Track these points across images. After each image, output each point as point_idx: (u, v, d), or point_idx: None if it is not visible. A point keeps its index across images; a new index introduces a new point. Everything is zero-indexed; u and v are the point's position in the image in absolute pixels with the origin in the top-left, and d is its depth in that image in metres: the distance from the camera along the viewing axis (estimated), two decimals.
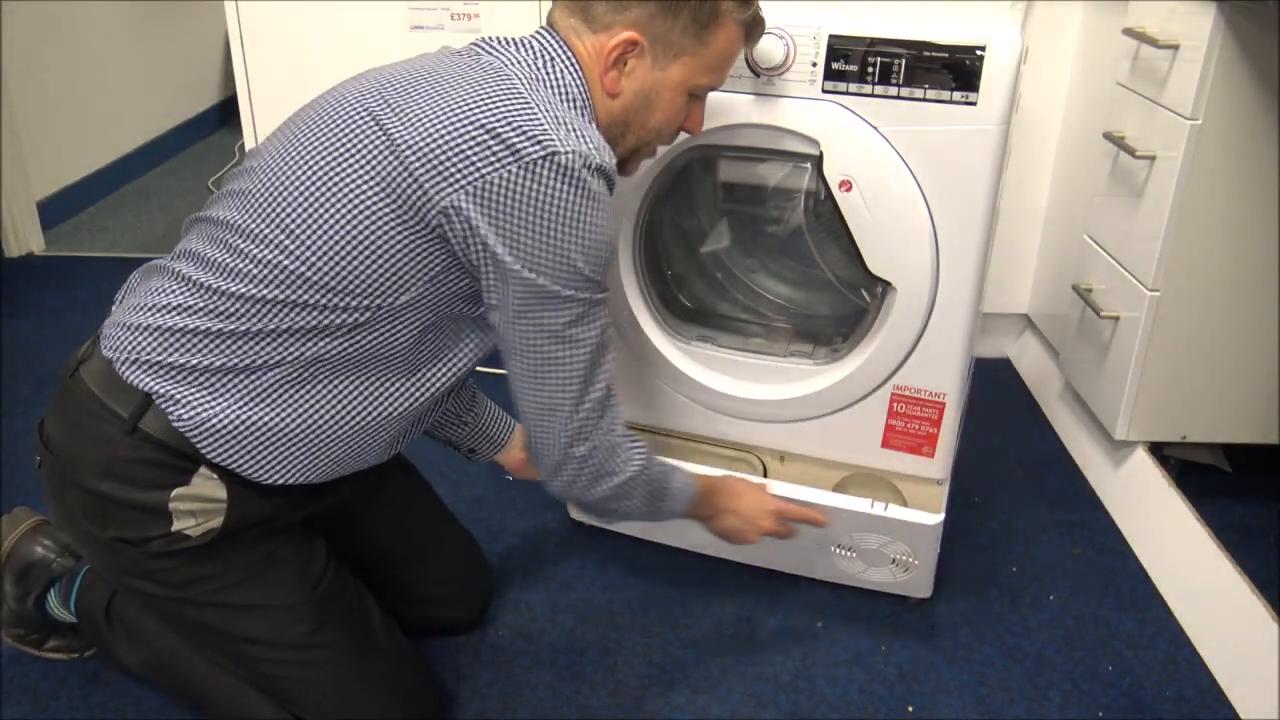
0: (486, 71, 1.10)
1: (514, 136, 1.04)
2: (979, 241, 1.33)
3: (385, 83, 1.11)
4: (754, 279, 1.64)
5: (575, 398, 1.15)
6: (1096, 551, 1.72)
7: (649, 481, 1.25)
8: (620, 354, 1.55)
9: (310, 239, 1.07)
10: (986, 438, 2.01)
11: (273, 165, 1.11)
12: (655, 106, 1.19)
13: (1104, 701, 1.43)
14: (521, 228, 1.06)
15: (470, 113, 1.05)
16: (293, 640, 1.22)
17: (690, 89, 1.19)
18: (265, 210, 1.09)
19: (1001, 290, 2.20)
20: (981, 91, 1.26)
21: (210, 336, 1.09)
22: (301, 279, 1.07)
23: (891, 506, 1.45)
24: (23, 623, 1.43)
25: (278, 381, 1.11)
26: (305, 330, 1.09)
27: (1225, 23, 1.47)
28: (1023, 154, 2.06)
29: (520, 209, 1.05)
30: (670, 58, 1.16)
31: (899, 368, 1.42)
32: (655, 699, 1.42)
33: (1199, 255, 1.61)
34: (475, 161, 1.04)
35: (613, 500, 1.23)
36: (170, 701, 1.39)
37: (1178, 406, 1.72)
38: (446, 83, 1.08)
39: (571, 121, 1.08)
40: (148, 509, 1.11)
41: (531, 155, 1.04)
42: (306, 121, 1.13)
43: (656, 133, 1.23)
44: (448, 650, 1.49)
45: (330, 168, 1.07)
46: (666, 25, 1.13)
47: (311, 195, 1.07)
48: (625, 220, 1.46)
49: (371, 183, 1.06)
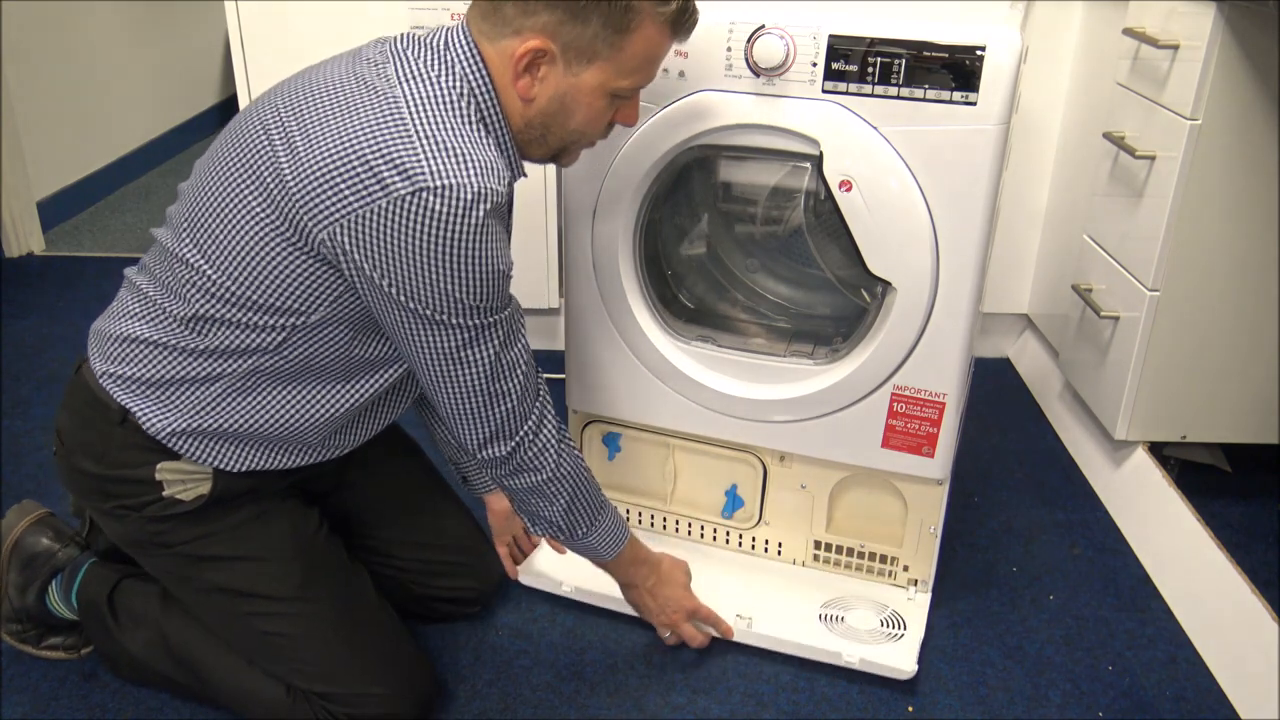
0: (378, 92, 1.09)
1: (386, 170, 1.05)
2: (979, 241, 1.33)
3: (291, 99, 1.13)
4: (754, 279, 1.64)
5: (481, 406, 1.20)
6: (1096, 551, 1.72)
7: (576, 494, 1.30)
8: (620, 354, 1.55)
9: (225, 262, 1.13)
10: (986, 438, 2.01)
11: (195, 187, 1.18)
12: (573, 111, 1.17)
13: (1104, 701, 1.43)
14: (394, 261, 1.08)
15: (349, 143, 1.06)
16: (285, 592, 1.28)
17: (610, 91, 1.16)
18: (189, 234, 1.16)
19: (1001, 290, 2.20)
20: (981, 91, 1.26)
21: (160, 349, 1.19)
22: (224, 298, 1.14)
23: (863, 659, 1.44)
24: (21, 617, 1.43)
25: (222, 393, 1.20)
26: (237, 349, 1.17)
27: (1225, 23, 1.47)
28: (1023, 154, 2.06)
29: (391, 244, 1.07)
30: (584, 63, 1.13)
31: (899, 368, 1.42)
32: (655, 699, 1.42)
33: (1199, 255, 1.61)
34: (348, 195, 1.06)
35: (534, 495, 1.28)
36: (170, 701, 1.40)
37: (1178, 406, 1.72)
38: (337, 105, 1.09)
39: (458, 144, 1.07)
40: (141, 481, 1.22)
41: (400, 191, 1.04)
42: (225, 140, 1.17)
43: (580, 134, 1.20)
44: (448, 650, 1.49)
45: (235, 194, 1.13)
46: (576, 31, 1.10)
47: (222, 220, 1.13)
48: (625, 220, 1.46)
49: (269, 210, 1.10)
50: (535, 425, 1.25)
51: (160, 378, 1.19)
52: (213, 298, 1.15)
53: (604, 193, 1.45)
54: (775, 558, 1.66)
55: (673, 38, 1.17)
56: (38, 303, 2.53)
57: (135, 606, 1.37)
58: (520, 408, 1.22)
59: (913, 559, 1.58)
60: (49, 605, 1.43)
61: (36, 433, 1.97)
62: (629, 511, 1.72)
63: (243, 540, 1.27)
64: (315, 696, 1.28)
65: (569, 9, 1.08)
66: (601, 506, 1.34)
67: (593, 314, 1.54)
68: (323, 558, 1.33)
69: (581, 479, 1.31)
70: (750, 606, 1.54)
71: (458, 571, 1.50)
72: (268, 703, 1.30)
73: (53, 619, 1.44)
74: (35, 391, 2.13)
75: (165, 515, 1.24)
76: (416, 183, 1.04)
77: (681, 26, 1.17)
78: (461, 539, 1.52)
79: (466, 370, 1.17)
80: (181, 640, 1.34)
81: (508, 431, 1.22)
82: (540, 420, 1.25)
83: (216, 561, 1.27)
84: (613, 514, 1.37)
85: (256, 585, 1.27)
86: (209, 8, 3.58)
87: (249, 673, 1.31)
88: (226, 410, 1.20)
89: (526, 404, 1.23)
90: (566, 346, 1.61)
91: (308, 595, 1.29)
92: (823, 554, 1.63)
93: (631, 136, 1.40)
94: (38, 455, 1.91)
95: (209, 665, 1.33)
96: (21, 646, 1.45)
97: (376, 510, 1.47)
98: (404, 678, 1.33)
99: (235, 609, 1.28)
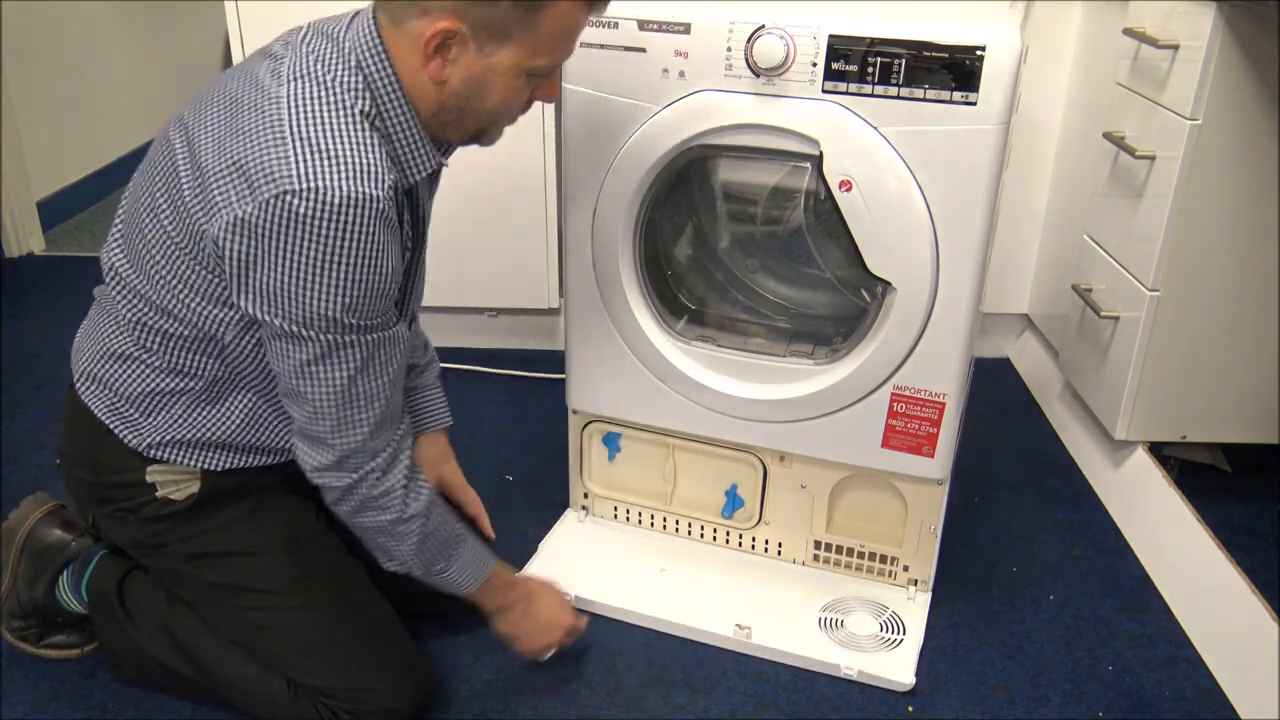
0: (265, 93, 1.08)
1: (256, 174, 1.04)
2: (979, 241, 1.33)
3: (201, 104, 1.13)
4: (754, 279, 1.64)
5: (329, 430, 1.15)
6: (1096, 551, 1.72)
7: (426, 534, 1.24)
8: (620, 354, 1.55)
9: (154, 277, 1.16)
10: (986, 438, 2.01)
11: (129, 209, 1.21)
12: (487, 92, 1.11)
13: (1104, 701, 1.43)
14: (256, 266, 1.06)
15: (229, 149, 1.06)
16: (279, 586, 1.29)
17: (527, 70, 1.10)
18: (126, 246, 1.20)
19: (1001, 290, 2.20)
20: (981, 91, 1.26)
21: (128, 362, 1.22)
22: (164, 310, 1.17)
23: (861, 671, 1.44)
24: (26, 612, 1.43)
25: (189, 405, 1.23)
26: (190, 363, 1.20)
27: (1225, 23, 1.47)
28: (1023, 154, 2.06)
29: (254, 248, 1.05)
30: (497, 42, 1.07)
31: (899, 368, 1.42)
32: (655, 699, 1.42)
33: (1199, 255, 1.61)
34: (219, 201, 1.06)
35: (379, 535, 1.23)
36: (169, 701, 1.40)
37: (1177, 406, 1.72)
38: (229, 110, 1.09)
39: (334, 146, 1.04)
40: (134, 484, 1.25)
41: (264, 194, 1.03)
42: (154, 149, 1.18)
43: (498, 114, 1.15)
44: (448, 650, 1.49)
45: (152, 206, 1.15)
46: (486, 10, 1.04)
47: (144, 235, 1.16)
48: (625, 220, 1.46)
49: (175, 222, 1.12)
50: (384, 465, 1.18)
51: (132, 393, 1.22)
52: (156, 311, 1.18)
53: (604, 193, 1.45)
54: (775, 558, 1.66)
55: (589, 10, 1.11)
56: (38, 303, 2.53)
57: (143, 598, 1.38)
58: (371, 443, 1.16)
59: (913, 559, 1.58)
60: (58, 597, 1.43)
61: (36, 433, 1.97)
62: (629, 511, 1.72)
63: (236, 536, 1.29)
64: (314, 691, 1.29)
65: None
66: (458, 541, 1.29)
67: (593, 314, 1.54)
68: (318, 552, 1.34)
69: (432, 517, 1.24)
70: (749, 609, 1.55)
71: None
72: (270, 697, 1.31)
73: (59, 613, 1.44)
74: (35, 392, 2.12)
75: (161, 515, 1.26)
76: (281, 185, 1.02)
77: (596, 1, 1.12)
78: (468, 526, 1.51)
79: (314, 387, 1.12)
80: (187, 633, 1.35)
81: (350, 465, 1.17)
82: (391, 461, 1.19)
83: (211, 558, 1.28)
84: (472, 546, 1.31)
85: (251, 580, 1.29)
86: (209, 8, 3.57)
87: (252, 667, 1.32)
88: (195, 421, 1.23)
89: (379, 441, 1.17)
90: (566, 346, 1.61)
91: (302, 589, 1.30)
92: (823, 554, 1.63)
93: (632, 136, 1.40)
94: (38, 455, 1.91)
95: (213, 659, 1.33)
96: (20, 645, 1.45)
97: None
98: (401, 672, 1.33)
99: (232, 604, 1.30)
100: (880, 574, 1.61)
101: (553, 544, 1.69)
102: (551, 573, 1.62)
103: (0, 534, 1.45)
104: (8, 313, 2.46)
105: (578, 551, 1.68)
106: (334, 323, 1.08)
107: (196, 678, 1.35)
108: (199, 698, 1.39)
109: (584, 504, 1.75)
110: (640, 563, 1.65)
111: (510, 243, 2.13)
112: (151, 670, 1.38)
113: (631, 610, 1.55)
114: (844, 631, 1.52)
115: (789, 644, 1.48)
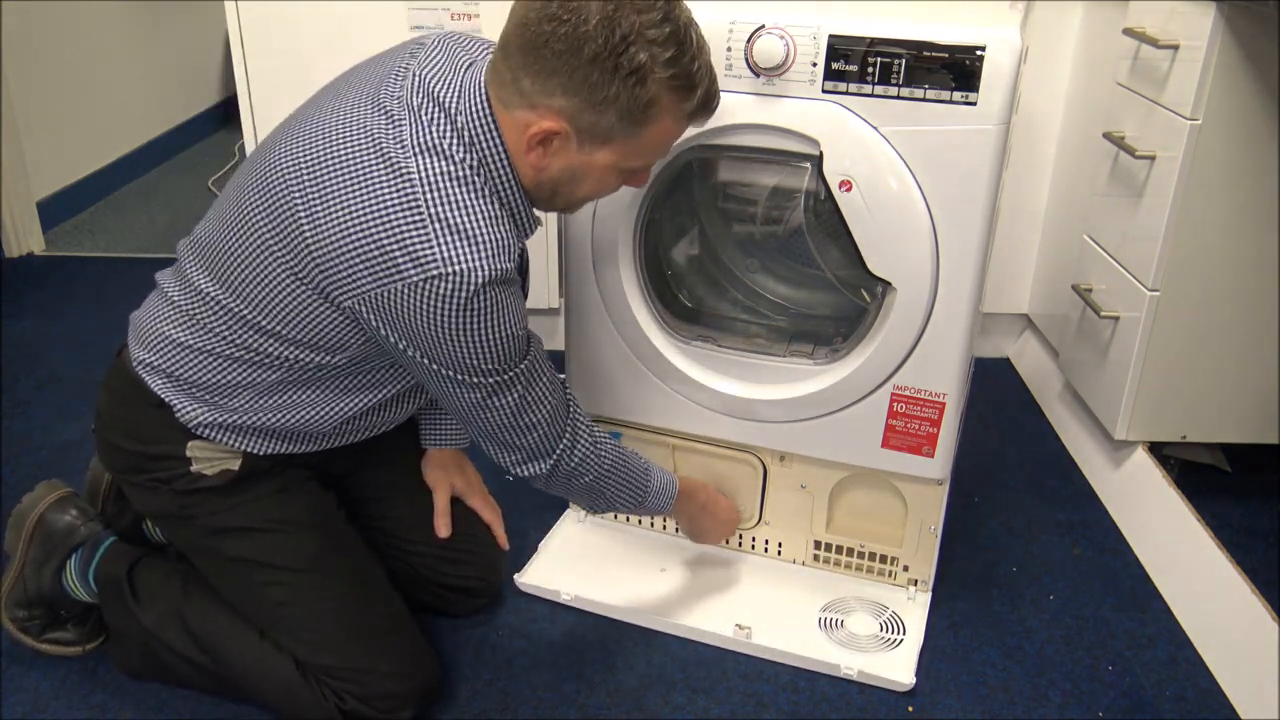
0: (393, 166, 1.11)
1: (400, 256, 1.09)
2: (979, 241, 1.33)
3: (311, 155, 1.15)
4: (754, 279, 1.64)
5: (512, 438, 1.26)
6: (1096, 551, 1.72)
7: (623, 480, 1.37)
8: (620, 354, 1.55)
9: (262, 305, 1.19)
10: (986, 438, 2.01)
11: (222, 232, 1.22)
12: (582, 182, 1.18)
13: (1104, 701, 1.43)
14: (413, 334, 1.14)
15: (366, 225, 1.10)
16: (299, 563, 1.32)
17: (621, 169, 1.17)
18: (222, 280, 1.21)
19: (1001, 290, 2.20)
20: (981, 91, 1.26)
21: (194, 353, 1.24)
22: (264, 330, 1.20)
23: (861, 671, 1.44)
24: (31, 601, 1.44)
25: (252, 397, 1.26)
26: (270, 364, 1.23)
27: (1225, 23, 1.47)
28: (1023, 154, 2.06)
29: (408, 320, 1.12)
30: (598, 145, 1.13)
31: (899, 368, 1.42)
32: (655, 699, 1.42)
33: (1199, 255, 1.61)
34: (365, 276, 1.11)
35: (587, 494, 1.36)
36: (169, 701, 1.40)
37: (1177, 406, 1.72)
38: (354, 177, 1.12)
39: (470, 224, 1.10)
40: (171, 457, 1.28)
41: (414, 278, 1.09)
42: (251, 187, 1.20)
43: (588, 199, 1.24)
44: (448, 651, 1.49)
45: (263, 250, 1.17)
46: (593, 119, 1.10)
47: (254, 273, 1.18)
48: (625, 220, 1.46)
49: (297, 269, 1.15)
50: (570, 442, 1.29)
51: (193, 380, 1.25)
52: (253, 330, 1.21)
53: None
54: (775, 558, 1.66)
55: (690, 122, 1.17)
56: (38, 303, 2.53)
57: (155, 582, 1.40)
58: (551, 431, 1.27)
59: (913, 559, 1.58)
60: (64, 583, 1.44)
61: (36, 433, 1.97)
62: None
63: (263, 513, 1.32)
64: (323, 673, 1.30)
65: (588, 100, 1.08)
66: (646, 473, 1.40)
67: (593, 314, 1.54)
68: (338, 535, 1.38)
69: (622, 465, 1.36)
70: (749, 609, 1.55)
71: (465, 559, 1.51)
72: (280, 680, 1.32)
73: (65, 603, 1.45)
74: (35, 391, 2.12)
75: (192, 489, 1.29)
76: (428, 270, 1.09)
77: (703, 115, 1.17)
78: (470, 527, 1.52)
79: (493, 415, 1.22)
80: (199, 617, 1.36)
81: (543, 452, 1.28)
82: (574, 437, 1.30)
83: (237, 533, 1.31)
84: (659, 473, 1.42)
85: (273, 556, 1.31)
86: (209, 8, 3.57)
87: (263, 651, 1.33)
88: (255, 410, 1.26)
89: (557, 427, 1.28)
90: (566, 346, 1.61)
91: (321, 568, 1.33)
92: (823, 554, 1.63)
93: None
94: (37, 455, 1.91)
95: (225, 643, 1.35)
96: (22, 637, 1.45)
97: (391, 492, 1.50)
98: (408, 660, 1.34)
99: (251, 579, 1.32)
100: (880, 574, 1.61)
101: (553, 544, 1.69)
102: (552, 573, 1.62)
103: (12, 517, 1.47)
104: (8, 313, 2.46)
105: (578, 551, 1.68)
106: (494, 371, 1.17)
107: (205, 662, 1.36)
108: (204, 685, 1.39)
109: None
110: (640, 563, 1.66)
111: None
112: (158, 657, 1.39)
113: (631, 610, 1.55)
114: (844, 631, 1.52)
115: (789, 644, 1.48)
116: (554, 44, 1.06)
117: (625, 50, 1.05)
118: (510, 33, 1.10)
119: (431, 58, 1.17)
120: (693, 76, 1.11)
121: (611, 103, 1.08)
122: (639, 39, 1.05)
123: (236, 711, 1.38)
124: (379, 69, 1.19)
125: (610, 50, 1.05)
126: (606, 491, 1.36)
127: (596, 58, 1.05)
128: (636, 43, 1.05)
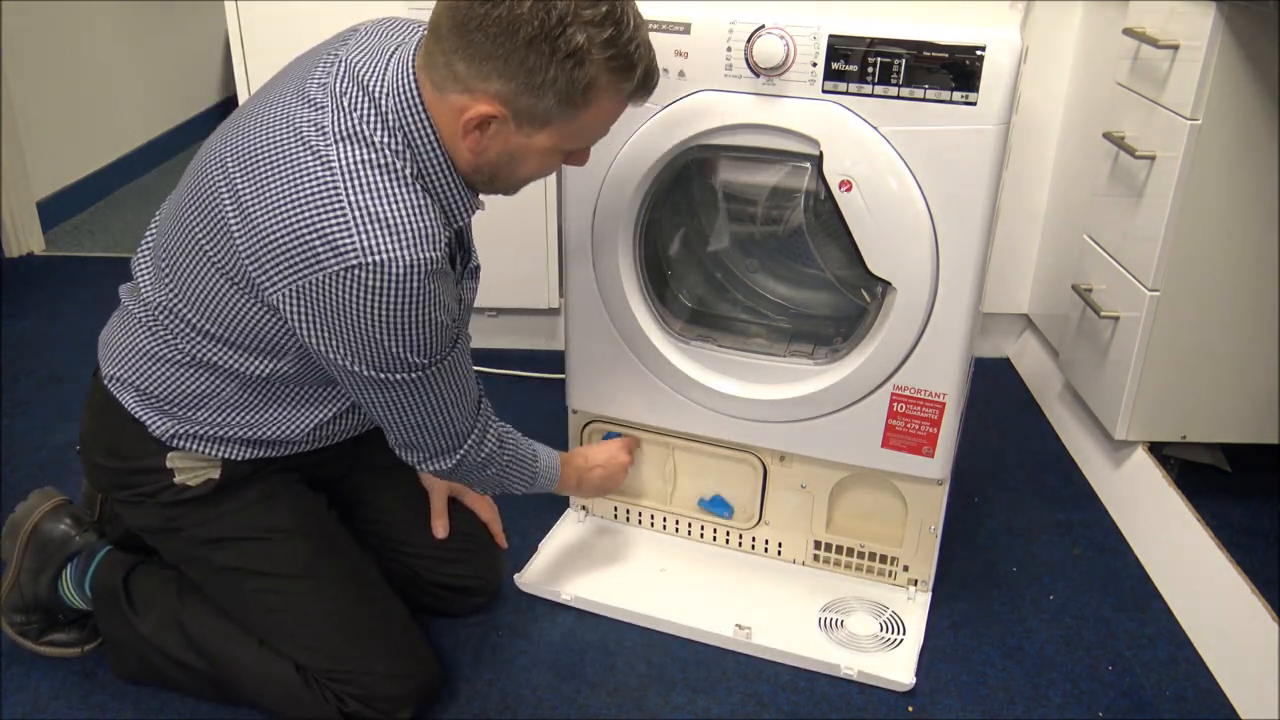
0: (316, 153, 1.09)
1: (320, 247, 1.07)
2: (979, 241, 1.33)
3: (243, 145, 1.13)
4: (754, 279, 1.64)
5: (425, 435, 1.24)
6: (1096, 551, 1.72)
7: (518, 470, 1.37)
8: (620, 354, 1.55)
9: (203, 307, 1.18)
10: (986, 438, 2.01)
11: (163, 238, 1.23)
12: (522, 165, 1.15)
13: (1104, 701, 1.43)
14: (333, 329, 1.11)
15: (286, 215, 1.08)
16: (292, 569, 1.31)
17: (563, 150, 1.15)
18: (166, 280, 1.21)
19: (1001, 290, 2.20)
20: (981, 91, 1.26)
21: (159, 363, 1.24)
22: (213, 336, 1.20)
23: (861, 671, 1.44)
24: (28, 606, 1.44)
25: (218, 407, 1.25)
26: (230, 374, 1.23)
27: (1225, 23, 1.47)
28: (1023, 154, 2.06)
29: (328, 313, 1.10)
30: (537, 127, 1.10)
31: (899, 368, 1.42)
32: (655, 699, 1.42)
33: (1199, 255, 1.61)
34: (285, 268, 1.09)
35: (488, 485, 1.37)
36: (169, 702, 1.40)
37: (1177, 406, 1.72)
38: (278, 166, 1.10)
39: (392, 213, 1.07)
40: (152, 470, 1.27)
41: (333, 268, 1.07)
42: (190, 182, 1.19)
43: (529, 181, 1.20)
44: (448, 651, 1.49)
45: (199, 253, 1.16)
46: (531, 101, 1.06)
47: (192, 269, 1.17)
48: (625, 220, 1.46)
49: (228, 265, 1.14)
50: (478, 438, 1.29)
51: (157, 393, 1.25)
52: (202, 335, 1.20)
53: (604, 193, 1.45)
54: (775, 557, 1.66)
55: (629, 102, 1.14)
56: (38, 303, 2.53)
57: (151, 589, 1.40)
58: (461, 427, 1.26)
59: (913, 559, 1.58)
60: (60, 592, 1.44)
61: (36, 433, 1.97)
62: (629, 511, 1.72)
63: (250, 521, 1.31)
64: (323, 676, 1.30)
65: (525, 83, 1.05)
66: (534, 455, 1.40)
67: (593, 314, 1.54)
68: (330, 539, 1.37)
69: (518, 456, 1.37)
70: (749, 609, 1.54)
71: (462, 558, 1.51)
72: (281, 684, 1.31)
73: (61, 609, 1.45)
74: (35, 391, 2.12)
75: (177, 500, 1.28)
76: (347, 260, 1.06)
77: (642, 94, 1.13)
78: (466, 526, 1.52)
79: (401, 416, 1.21)
80: (197, 623, 1.36)
81: (449, 448, 1.26)
82: (482, 432, 1.29)
83: (225, 543, 1.31)
84: (545, 455, 1.42)
85: (264, 564, 1.31)
86: (209, 8, 3.57)
87: (262, 654, 1.33)
88: (222, 423, 1.26)
89: (467, 424, 1.26)
90: (566, 346, 1.61)
91: (313, 572, 1.33)
92: (823, 554, 1.63)
93: (631, 136, 1.40)
94: (37, 455, 1.91)
95: (223, 648, 1.34)
96: (21, 640, 1.45)
97: (386, 494, 1.49)
98: (408, 660, 1.34)
99: (244, 587, 1.32)
100: (880, 574, 1.61)
101: (553, 544, 1.69)
102: (552, 573, 1.62)
103: (6, 526, 1.46)
104: (8, 313, 2.46)
105: (578, 551, 1.68)
106: (415, 364, 1.14)
107: (204, 668, 1.36)
108: (202, 691, 1.39)
109: (584, 504, 1.75)
110: (640, 563, 1.66)
111: (511, 243, 2.13)
112: (156, 664, 1.38)
113: (631, 610, 1.55)
114: (844, 631, 1.52)
115: (789, 644, 1.48)
116: (487, 27, 1.02)
117: (562, 32, 1.02)
118: (440, 14, 1.06)
119: (361, 43, 1.15)
120: (631, 56, 1.07)
121: (550, 86, 1.05)
122: (575, 20, 1.02)
123: (237, 713, 1.38)
124: (311, 59, 1.18)
125: (546, 33, 1.02)
126: (505, 480, 1.36)
127: (532, 41, 1.02)
128: (573, 24, 1.02)
